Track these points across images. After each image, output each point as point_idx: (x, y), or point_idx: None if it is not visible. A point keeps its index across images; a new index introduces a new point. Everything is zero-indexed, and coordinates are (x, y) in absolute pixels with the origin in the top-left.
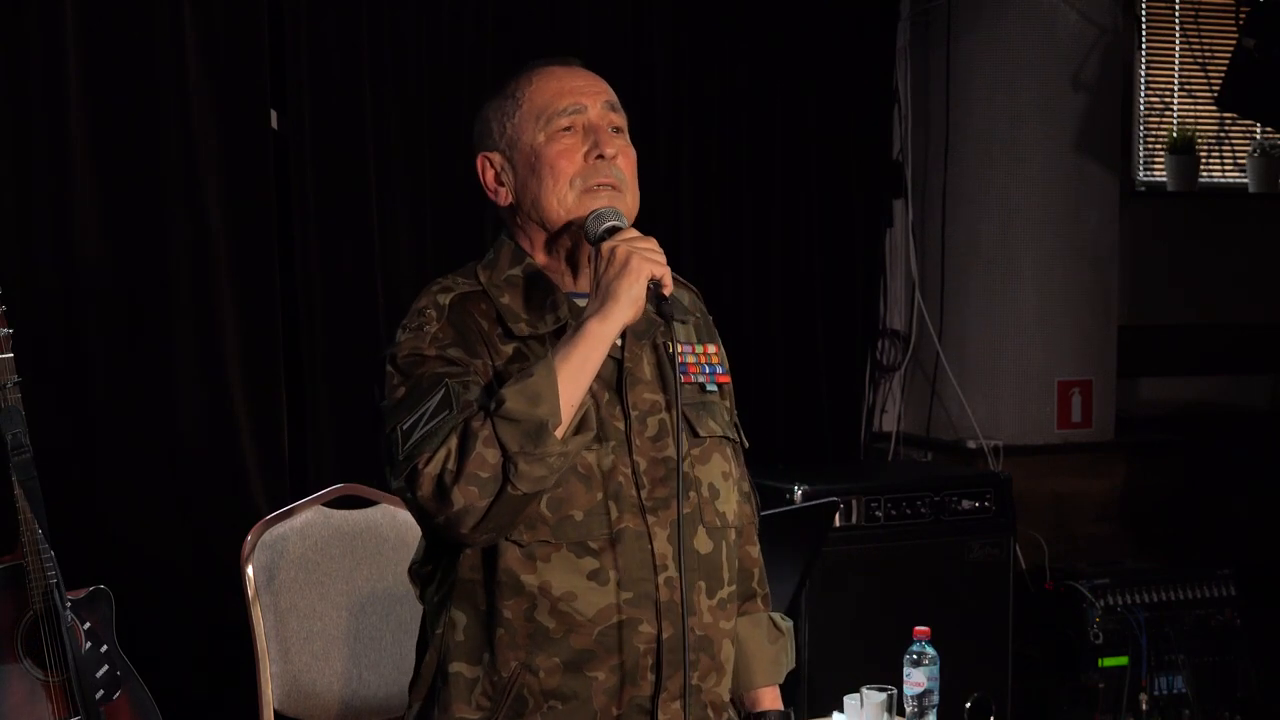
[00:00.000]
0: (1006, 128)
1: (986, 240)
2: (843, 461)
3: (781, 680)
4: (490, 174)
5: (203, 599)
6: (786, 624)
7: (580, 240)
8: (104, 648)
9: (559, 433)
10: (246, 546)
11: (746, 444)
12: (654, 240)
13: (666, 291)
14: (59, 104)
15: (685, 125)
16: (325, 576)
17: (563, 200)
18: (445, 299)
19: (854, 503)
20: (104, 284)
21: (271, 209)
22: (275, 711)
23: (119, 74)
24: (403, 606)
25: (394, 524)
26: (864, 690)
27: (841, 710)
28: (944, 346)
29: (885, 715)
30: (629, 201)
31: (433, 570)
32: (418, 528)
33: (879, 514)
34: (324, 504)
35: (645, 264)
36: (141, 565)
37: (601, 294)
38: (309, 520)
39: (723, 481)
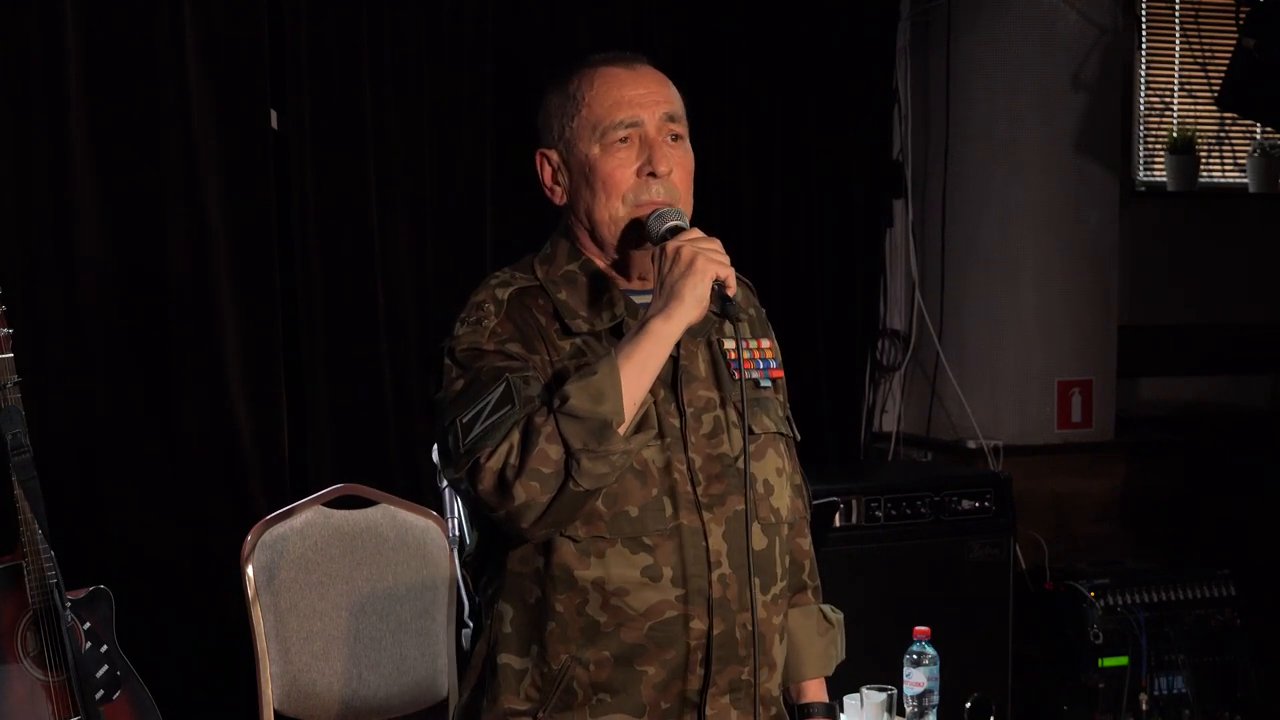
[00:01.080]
0: (1006, 128)
1: (986, 240)
2: (843, 461)
3: (830, 672)
4: (548, 171)
5: (203, 599)
6: (837, 616)
7: (631, 248)
8: (104, 648)
9: (621, 430)
10: (246, 546)
11: (798, 437)
12: (718, 241)
13: (730, 292)
14: (59, 104)
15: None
16: (325, 576)
17: (614, 215)
18: (504, 294)
19: (854, 503)
20: (104, 284)
21: (271, 209)
22: (275, 711)
23: (119, 74)
24: (403, 606)
25: (394, 524)
26: (864, 690)
27: (842, 710)
28: (944, 346)
29: (885, 715)
30: (679, 205)
31: (483, 564)
32: (418, 528)
33: (879, 514)
34: (324, 504)
35: (710, 264)
36: (141, 565)
37: (666, 293)
38: (309, 520)
39: (776, 477)
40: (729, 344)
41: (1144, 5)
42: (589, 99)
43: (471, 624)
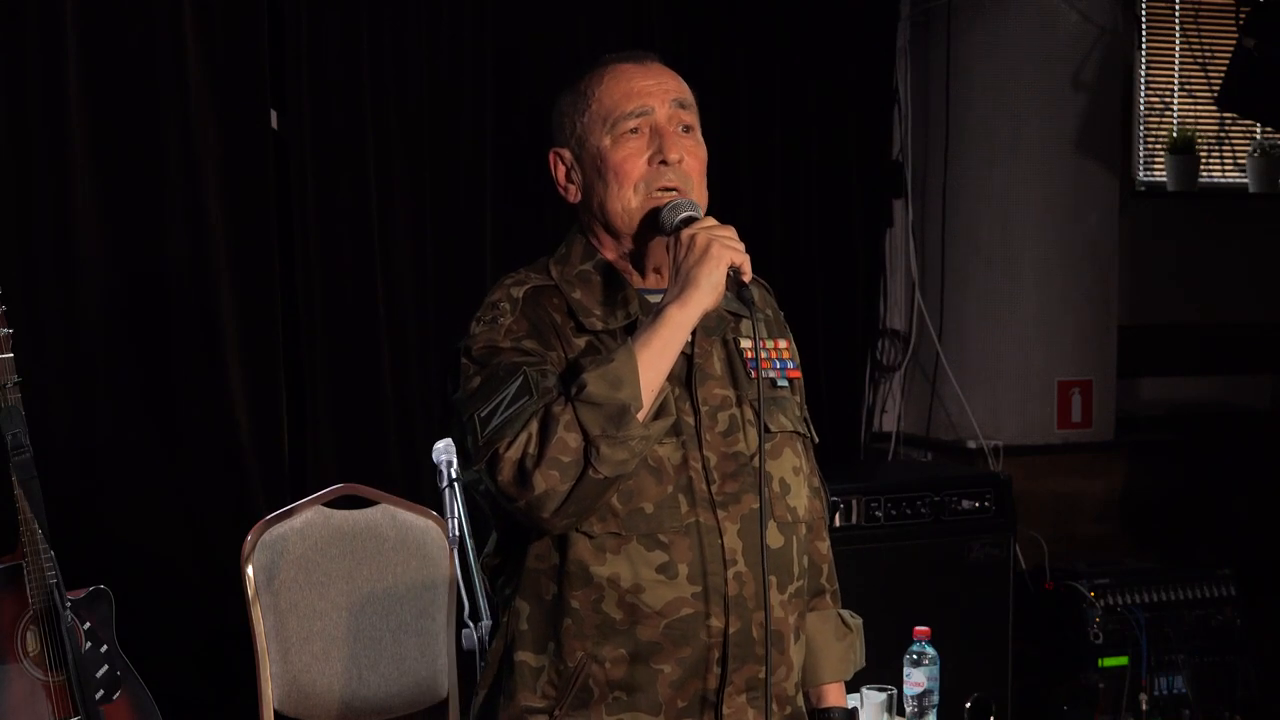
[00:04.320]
0: (1006, 127)
1: (986, 240)
2: (843, 461)
3: (849, 677)
4: (561, 170)
5: (203, 599)
6: (856, 621)
7: (647, 240)
8: (104, 648)
9: (640, 416)
10: (246, 546)
11: (816, 439)
12: (733, 229)
13: (746, 278)
14: (59, 104)
15: None
16: (325, 576)
17: (627, 206)
18: (519, 291)
19: (854, 503)
20: (104, 284)
21: (271, 209)
22: (275, 711)
23: (119, 74)
24: (403, 606)
25: (394, 524)
26: (864, 690)
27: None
28: (944, 346)
29: (885, 715)
30: (695, 200)
31: (502, 561)
32: (418, 528)
33: (879, 514)
34: (324, 504)
35: (726, 251)
36: (141, 565)
37: (682, 280)
38: (309, 520)
39: (794, 476)
40: (745, 343)
41: (1144, 5)
42: (599, 93)
43: (471, 624)
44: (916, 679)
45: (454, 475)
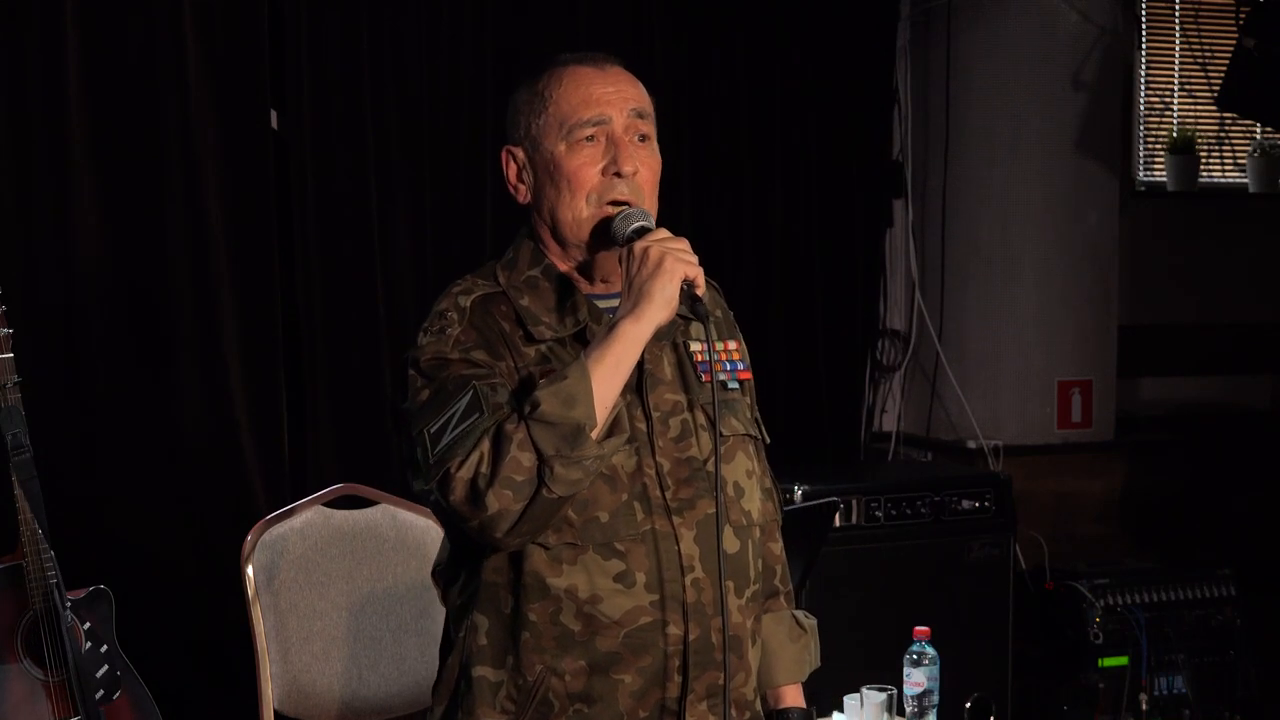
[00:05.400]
0: (1006, 127)
1: (986, 240)
2: (843, 461)
3: (804, 678)
4: (513, 169)
5: (203, 599)
6: (810, 622)
7: (596, 250)
8: (104, 648)
9: (594, 435)
10: (246, 546)
11: (768, 440)
12: (685, 241)
13: (700, 292)
14: (59, 104)
15: (685, 125)
16: (325, 576)
17: (578, 215)
18: (466, 301)
19: (854, 503)
20: (104, 284)
21: (271, 209)
22: (275, 711)
23: (119, 74)
24: (403, 606)
25: (394, 524)
26: (864, 690)
27: (841, 710)
28: (944, 346)
29: (885, 715)
30: (645, 205)
31: (456, 573)
32: (418, 528)
33: (879, 514)
34: (324, 504)
35: (679, 264)
36: (141, 565)
37: (635, 295)
38: (309, 520)
39: (747, 480)
40: (695, 346)
41: (1144, 5)
42: (556, 96)
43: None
44: (916, 679)
45: None
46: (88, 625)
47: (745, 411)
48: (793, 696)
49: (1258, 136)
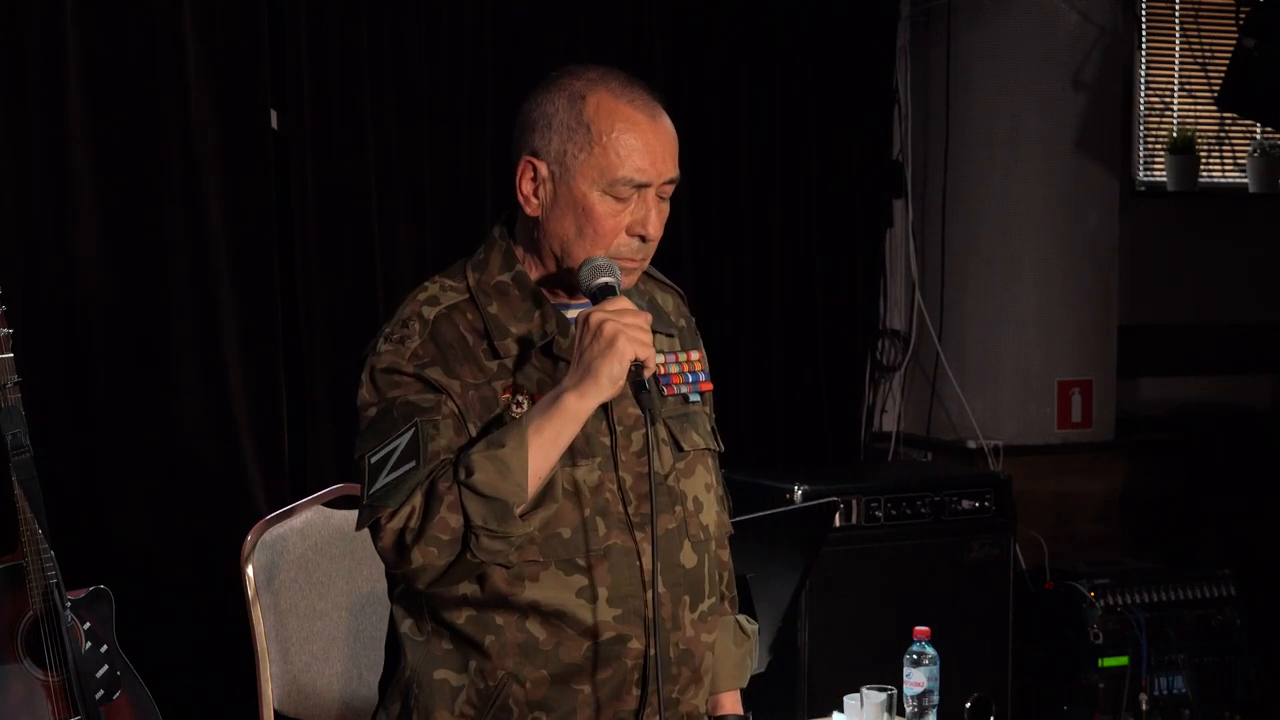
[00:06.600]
0: (1006, 128)
1: (986, 240)
2: (843, 461)
3: (745, 684)
4: (529, 182)
5: (203, 599)
6: (752, 627)
7: (575, 274)
8: (104, 648)
9: (519, 511)
10: (246, 546)
11: (722, 449)
12: (645, 316)
13: (648, 374)
14: (59, 104)
15: (685, 126)
16: (325, 576)
17: (588, 255)
18: (430, 312)
19: (854, 503)
20: (104, 284)
21: (271, 209)
22: (275, 711)
23: (119, 74)
24: None
25: None
26: (864, 690)
27: (841, 710)
28: (944, 346)
29: (885, 715)
30: (646, 264)
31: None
32: None
33: (879, 514)
34: (324, 504)
35: (630, 345)
36: (141, 565)
37: (582, 369)
38: (309, 520)
39: (705, 494)
40: (659, 358)
41: (1144, 5)
42: (606, 142)
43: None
44: (916, 679)
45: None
46: (88, 625)
47: (705, 423)
48: (731, 703)
49: (1258, 136)
